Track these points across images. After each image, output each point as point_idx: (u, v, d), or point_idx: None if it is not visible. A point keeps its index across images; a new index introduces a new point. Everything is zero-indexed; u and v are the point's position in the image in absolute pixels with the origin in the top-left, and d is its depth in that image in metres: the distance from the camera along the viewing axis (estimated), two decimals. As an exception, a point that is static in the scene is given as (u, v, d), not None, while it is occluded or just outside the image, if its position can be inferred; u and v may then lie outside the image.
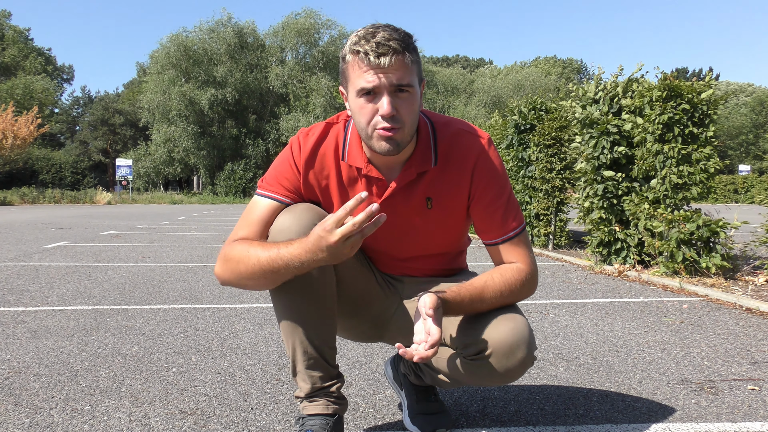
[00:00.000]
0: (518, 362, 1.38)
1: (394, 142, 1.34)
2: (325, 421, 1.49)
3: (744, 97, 55.78)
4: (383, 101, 1.30)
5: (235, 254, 1.37)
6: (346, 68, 1.35)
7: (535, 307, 3.72)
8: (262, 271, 1.33)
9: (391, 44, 1.28)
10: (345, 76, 1.37)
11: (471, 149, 1.48)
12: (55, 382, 2.15)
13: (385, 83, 1.29)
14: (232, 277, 1.40)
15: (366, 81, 1.30)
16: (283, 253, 1.30)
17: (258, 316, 3.36)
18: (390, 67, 1.29)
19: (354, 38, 1.32)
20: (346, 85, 1.38)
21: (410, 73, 1.32)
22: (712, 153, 5.01)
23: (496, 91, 43.08)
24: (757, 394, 2.09)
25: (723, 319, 3.41)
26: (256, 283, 1.38)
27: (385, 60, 1.28)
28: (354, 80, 1.33)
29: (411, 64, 1.32)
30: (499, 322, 1.39)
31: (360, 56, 1.30)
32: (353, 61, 1.32)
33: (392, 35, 1.29)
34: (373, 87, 1.30)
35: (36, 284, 4.38)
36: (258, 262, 1.33)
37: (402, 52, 1.29)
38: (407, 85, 1.31)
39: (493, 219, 1.49)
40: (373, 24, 1.34)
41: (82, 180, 36.98)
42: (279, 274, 1.33)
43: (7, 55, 46.93)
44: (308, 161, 1.48)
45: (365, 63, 1.29)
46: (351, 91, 1.35)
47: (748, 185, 30.93)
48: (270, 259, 1.31)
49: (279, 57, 37.89)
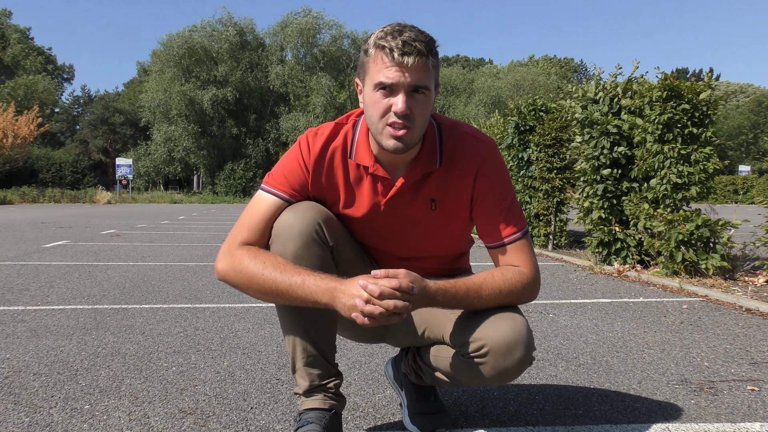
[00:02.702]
0: (516, 362, 1.37)
1: (403, 141, 1.35)
2: (322, 414, 1.50)
3: (744, 98, 55.79)
4: (399, 98, 1.32)
5: (249, 269, 1.39)
6: (367, 61, 1.37)
7: (535, 307, 3.72)
8: (276, 294, 1.37)
9: (417, 45, 1.30)
10: (364, 69, 1.38)
11: (476, 153, 1.49)
12: (55, 381, 2.15)
13: (404, 82, 1.31)
14: (239, 286, 1.42)
15: (386, 76, 1.32)
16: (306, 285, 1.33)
17: (258, 315, 3.36)
18: (412, 67, 1.30)
19: (380, 33, 1.34)
20: (364, 77, 1.39)
21: (429, 77, 1.34)
22: (711, 153, 5.01)
23: (496, 91, 43.04)
24: (756, 395, 2.09)
25: (723, 319, 3.41)
26: (262, 299, 1.41)
27: (409, 60, 1.30)
28: (374, 74, 1.34)
29: (431, 68, 1.34)
30: (498, 320, 1.39)
31: (385, 51, 1.31)
32: (376, 54, 1.33)
33: (419, 36, 1.31)
34: (392, 83, 1.32)
35: (36, 283, 4.38)
36: (274, 285, 1.36)
37: (426, 55, 1.32)
38: (424, 87, 1.33)
39: (496, 222, 1.49)
40: (399, 23, 1.36)
41: (82, 179, 36.96)
42: (291, 300, 1.36)
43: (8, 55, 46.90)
44: (318, 161, 1.49)
45: (389, 59, 1.31)
46: (368, 83, 1.37)
47: (747, 186, 30.93)
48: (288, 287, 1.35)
49: (279, 56, 37.88)
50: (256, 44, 38.21)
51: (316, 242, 1.41)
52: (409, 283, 1.29)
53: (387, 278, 1.28)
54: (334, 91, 36.49)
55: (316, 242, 1.41)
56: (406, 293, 1.29)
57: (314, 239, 1.41)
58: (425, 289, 1.34)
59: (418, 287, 1.31)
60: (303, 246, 1.40)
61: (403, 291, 1.28)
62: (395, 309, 1.26)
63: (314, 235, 1.41)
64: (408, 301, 1.29)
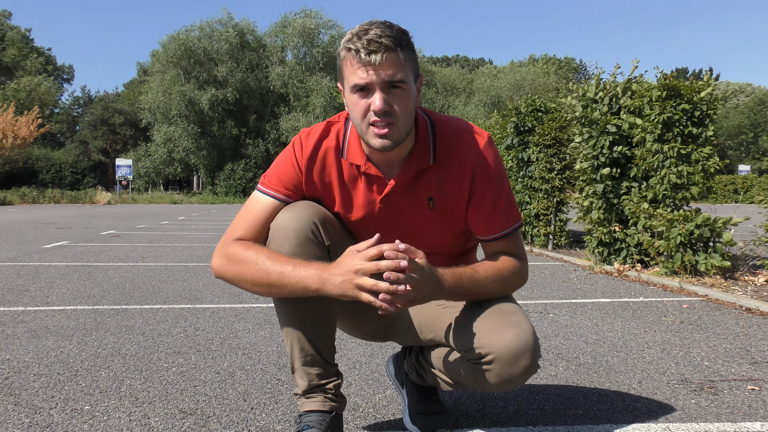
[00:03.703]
0: (522, 370, 1.37)
1: (389, 138, 1.35)
2: (322, 417, 1.49)
3: (744, 97, 55.78)
4: (375, 97, 1.32)
5: (243, 258, 1.40)
6: (341, 65, 1.38)
7: (535, 307, 3.72)
8: (268, 284, 1.37)
9: (383, 41, 1.29)
10: (341, 73, 1.39)
11: (472, 148, 1.48)
12: (55, 382, 2.15)
13: (376, 80, 1.31)
14: (234, 278, 1.43)
15: (358, 77, 1.32)
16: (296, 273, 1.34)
17: (258, 316, 3.36)
18: (381, 64, 1.30)
19: (348, 35, 1.34)
20: (342, 81, 1.40)
21: (403, 69, 1.33)
22: (711, 153, 5.01)
23: (496, 91, 43.02)
24: (757, 394, 2.09)
25: (723, 319, 3.41)
26: (256, 291, 1.41)
27: (376, 57, 1.29)
28: (348, 77, 1.35)
29: (404, 60, 1.33)
30: (505, 327, 1.39)
31: (352, 53, 1.32)
32: (346, 57, 1.34)
33: (384, 32, 1.30)
34: (365, 83, 1.32)
35: (36, 284, 4.38)
36: (266, 274, 1.37)
37: (394, 49, 1.30)
38: (400, 81, 1.32)
39: (493, 217, 1.50)
40: (369, 21, 1.35)
41: (82, 180, 36.95)
42: (283, 289, 1.36)
43: (7, 56, 46.88)
44: (310, 160, 1.49)
45: (357, 60, 1.31)
46: (346, 87, 1.37)
47: (747, 185, 30.92)
48: (279, 275, 1.35)
49: (279, 57, 37.86)
50: (256, 45, 38.20)
51: (312, 241, 1.41)
52: (412, 247, 1.30)
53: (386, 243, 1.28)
54: (333, 92, 36.38)
55: (312, 241, 1.42)
56: (412, 261, 1.27)
57: (310, 238, 1.41)
58: (433, 269, 1.34)
59: (425, 263, 1.31)
60: (299, 245, 1.40)
61: (406, 252, 1.27)
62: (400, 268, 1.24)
63: (310, 235, 1.41)
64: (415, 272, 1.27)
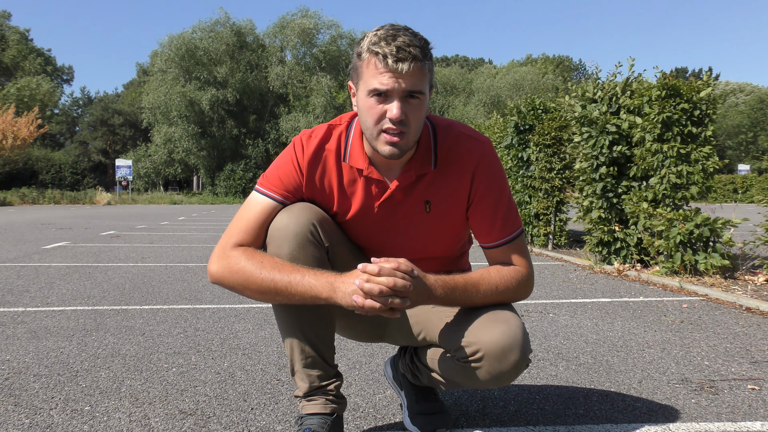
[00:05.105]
0: (511, 366, 1.37)
1: (399, 147, 1.35)
2: (324, 420, 1.49)
3: (743, 97, 55.77)
4: (393, 105, 1.31)
5: (246, 268, 1.38)
6: (360, 65, 1.35)
7: (535, 306, 3.72)
8: (275, 292, 1.36)
9: (411, 50, 1.28)
10: (358, 73, 1.37)
11: (472, 153, 1.48)
12: (55, 382, 2.15)
13: (398, 88, 1.30)
14: (236, 287, 1.41)
15: (380, 83, 1.30)
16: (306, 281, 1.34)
17: (258, 316, 3.36)
18: (407, 74, 1.29)
19: (374, 38, 1.31)
20: (357, 81, 1.37)
21: (423, 81, 1.32)
22: (711, 152, 5.01)
23: (496, 91, 43.02)
24: (757, 394, 2.09)
25: (723, 318, 3.41)
26: (260, 299, 1.41)
27: (404, 66, 1.28)
28: (368, 79, 1.32)
29: (426, 72, 1.33)
30: (492, 323, 1.39)
31: (378, 57, 1.29)
32: (370, 60, 1.31)
33: (413, 41, 1.29)
34: (387, 90, 1.30)
35: (36, 285, 4.38)
36: (273, 283, 1.35)
37: (421, 60, 1.30)
38: (419, 92, 1.32)
39: (493, 223, 1.49)
40: (392, 25, 1.34)
41: (82, 180, 36.98)
42: (290, 298, 1.36)
43: (7, 56, 46.87)
44: (311, 162, 1.48)
45: (383, 65, 1.29)
46: (362, 88, 1.35)
47: (747, 185, 30.92)
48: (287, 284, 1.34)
49: (279, 57, 37.86)
50: (255, 45, 38.20)
51: (311, 243, 1.41)
52: (409, 264, 1.31)
53: (386, 260, 1.30)
54: (333, 92, 36.42)
55: (312, 243, 1.41)
56: (407, 274, 1.29)
57: (309, 240, 1.41)
58: (425, 277, 1.35)
59: (418, 272, 1.33)
60: (298, 247, 1.40)
61: (403, 271, 1.29)
62: (395, 287, 1.26)
63: (309, 236, 1.41)
64: (408, 283, 1.29)
